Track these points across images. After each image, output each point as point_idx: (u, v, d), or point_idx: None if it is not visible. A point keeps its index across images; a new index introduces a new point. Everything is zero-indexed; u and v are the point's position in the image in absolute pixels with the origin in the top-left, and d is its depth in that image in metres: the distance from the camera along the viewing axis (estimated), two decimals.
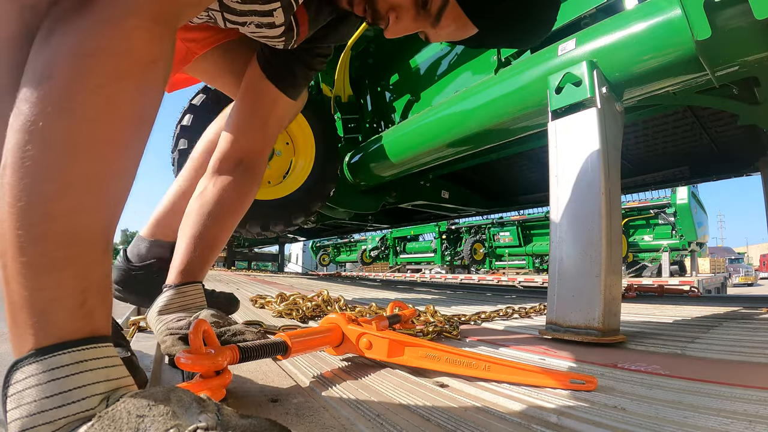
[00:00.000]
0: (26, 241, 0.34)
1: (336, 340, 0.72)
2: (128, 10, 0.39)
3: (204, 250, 0.74)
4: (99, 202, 0.38)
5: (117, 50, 0.38)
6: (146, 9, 0.40)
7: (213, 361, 0.50)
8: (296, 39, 0.70)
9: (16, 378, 0.33)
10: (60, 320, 0.35)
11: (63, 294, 0.35)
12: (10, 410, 0.33)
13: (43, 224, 0.34)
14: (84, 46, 0.37)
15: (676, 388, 0.58)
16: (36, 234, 0.34)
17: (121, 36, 0.38)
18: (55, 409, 0.32)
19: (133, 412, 0.32)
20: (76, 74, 0.36)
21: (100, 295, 0.37)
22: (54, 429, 0.32)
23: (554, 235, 1.02)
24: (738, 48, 0.95)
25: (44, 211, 0.35)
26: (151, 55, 0.40)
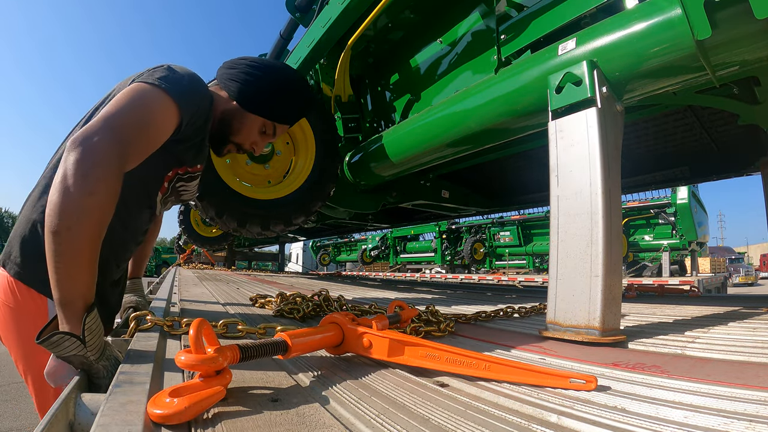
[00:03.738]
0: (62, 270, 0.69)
1: (336, 339, 0.72)
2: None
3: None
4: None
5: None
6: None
7: (213, 361, 0.50)
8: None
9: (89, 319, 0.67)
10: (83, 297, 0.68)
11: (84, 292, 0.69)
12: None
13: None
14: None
15: (676, 388, 0.58)
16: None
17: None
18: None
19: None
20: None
21: (87, 294, 0.70)
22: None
23: (554, 234, 1.02)
24: (738, 47, 0.95)
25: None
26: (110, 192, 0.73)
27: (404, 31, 2.10)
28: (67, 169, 0.68)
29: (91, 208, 0.69)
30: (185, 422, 0.44)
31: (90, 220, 0.69)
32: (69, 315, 0.67)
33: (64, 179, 0.68)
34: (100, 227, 0.71)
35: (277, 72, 1.08)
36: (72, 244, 0.67)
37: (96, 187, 0.69)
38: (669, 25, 0.97)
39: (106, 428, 0.38)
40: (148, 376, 0.55)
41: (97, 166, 0.70)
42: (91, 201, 0.69)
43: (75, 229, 0.67)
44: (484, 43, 1.69)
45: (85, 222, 0.68)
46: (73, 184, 0.67)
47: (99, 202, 0.70)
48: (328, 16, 1.94)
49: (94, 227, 0.70)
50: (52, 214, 0.67)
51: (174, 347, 0.79)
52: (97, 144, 0.71)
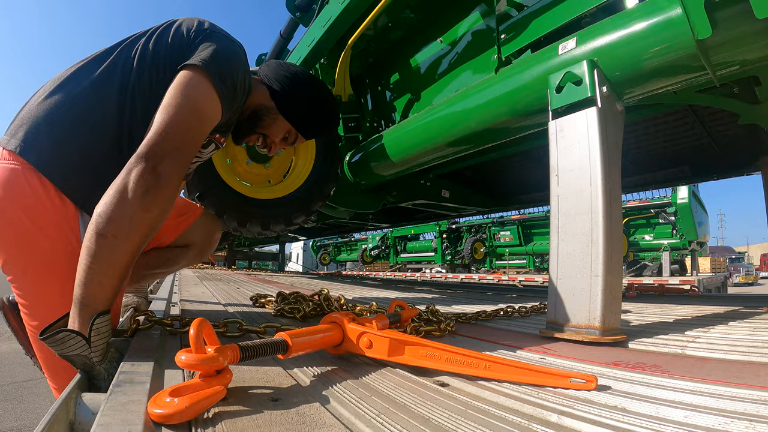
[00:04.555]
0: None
1: (337, 339, 0.72)
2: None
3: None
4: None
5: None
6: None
7: (213, 361, 0.50)
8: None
9: (98, 321, 0.67)
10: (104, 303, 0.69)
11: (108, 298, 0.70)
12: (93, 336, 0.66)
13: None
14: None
15: (677, 388, 0.58)
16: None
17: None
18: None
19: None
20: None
21: (109, 301, 0.70)
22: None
23: (554, 234, 1.02)
24: (738, 47, 0.95)
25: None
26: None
27: (404, 30, 2.10)
28: (129, 181, 0.70)
29: (143, 224, 0.71)
30: (186, 422, 0.44)
31: (139, 234, 0.71)
32: (84, 315, 0.67)
33: (124, 190, 0.70)
34: (145, 241, 0.74)
35: (318, 87, 1.16)
36: (114, 252, 0.69)
37: (154, 205, 0.72)
38: (669, 25, 0.97)
39: (106, 428, 0.38)
40: (149, 375, 0.55)
41: (160, 186, 0.73)
42: (146, 217, 0.72)
43: (121, 239, 0.69)
44: (484, 43, 1.69)
45: (133, 234, 0.70)
46: (133, 198, 0.70)
47: (152, 219, 0.73)
48: (328, 16, 1.94)
49: (140, 241, 0.72)
50: (104, 217, 0.69)
51: (174, 347, 0.79)
52: (162, 165, 0.73)
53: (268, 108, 1.09)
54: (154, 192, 0.72)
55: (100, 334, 0.67)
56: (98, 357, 0.67)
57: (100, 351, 0.67)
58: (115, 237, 0.69)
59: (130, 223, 0.70)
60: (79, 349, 0.65)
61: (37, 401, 2.85)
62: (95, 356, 0.67)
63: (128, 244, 0.70)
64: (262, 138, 1.13)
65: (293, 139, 1.17)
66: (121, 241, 0.69)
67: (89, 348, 0.66)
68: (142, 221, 0.71)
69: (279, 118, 1.10)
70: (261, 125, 1.10)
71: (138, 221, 0.70)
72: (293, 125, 1.12)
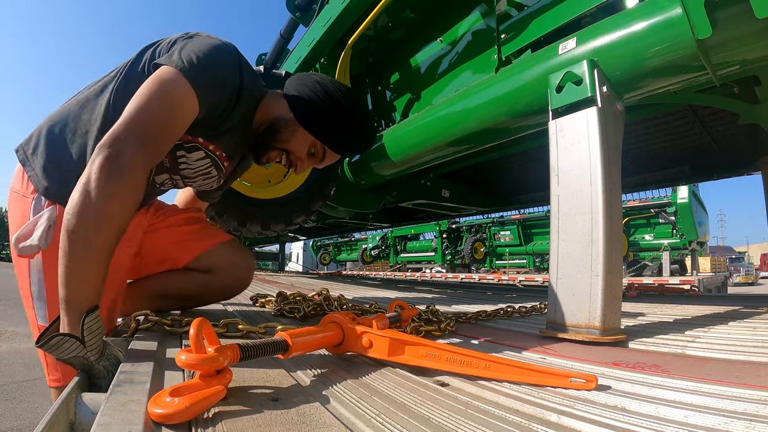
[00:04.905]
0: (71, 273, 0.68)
1: (337, 339, 0.72)
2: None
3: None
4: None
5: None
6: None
7: (213, 361, 0.50)
8: (223, 176, 1.17)
9: (88, 320, 0.67)
10: (89, 300, 0.69)
11: (91, 295, 0.69)
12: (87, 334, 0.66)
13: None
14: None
15: (677, 388, 0.58)
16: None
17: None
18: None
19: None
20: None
21: (93, 298, 0.70)
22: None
23: (554, 234, 1.02)
24: (739, 47, 0.95)
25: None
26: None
27: (404, 30, 2.10)
28: (92, 172, 0.69)
29: (112, 214, 0.70)
30: (186, 422, 0.44)
31: (109, 225, 0.70)
32: (71, 316, 0.67)
33: (88, 182, 0.68)
34: (118, 233, 0.72)
35: (340, 94, 1.05)
36: (87, 248, 0.68)
37: (119, 192, 0.70)
38: (669, 25, 0.97)
39: (106, 428, 0.38)
40: (149, 375, 0.55)
41: (122, 172, 0.71)
42: (113, 206, 0.69)
43: (92, 233, 0.68)
44: (484, 43, 1.69)
45: (103, 227, 0.69)
46: (96, 188, 0.68)
47: (120, 207, 0.71)
48: (329, 16, 1.94)
49: (113, 232, 0.70)
50: (71, 214, 0.68)
51: (174, 347, 0.79)
52: (124, 150, 0.72)
53: (285, 120, 1.02)
54: (117, 179, 0.70)
55: (92, 332, 0.67)
56: (95, 356, 0.67)
57: (95, 349, 0.67)
58: (87, 232, 0.68)
59: (97, 215, 0.68)
60: (75, 350, 0.65)
61: (37, 401, 2.85)
62: (92, 355, 0.66)
63: (101, 237, 0.69)
64: (285, 155, 1.06)
65: (321, 154, 1.08)
66: (92, 235, 0.68)
67: (84, 348, 0.65)
68: (108, 211, 0.69)
69: (299, 130, 1.02)
70: (280, 139, 1.03)
71: (104, 212, 0.69)
72: (315, 136, 1.03)
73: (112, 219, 0.70)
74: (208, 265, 1.26)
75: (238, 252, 1.31)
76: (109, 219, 0.70)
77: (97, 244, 0.69)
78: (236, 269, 1.30)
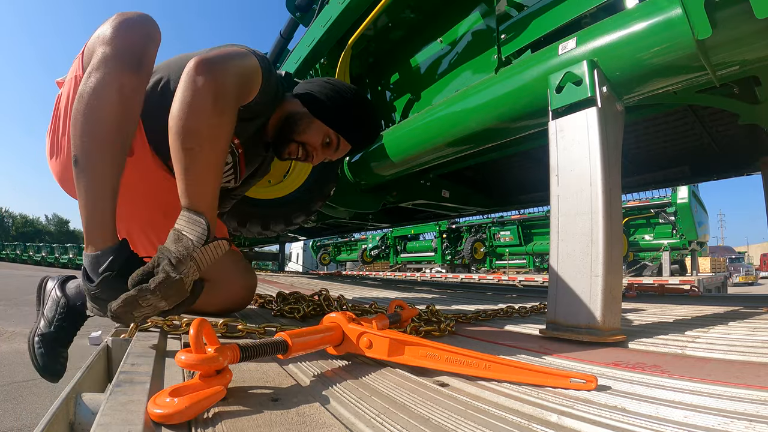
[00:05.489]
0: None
1: (336, 339, 0.72)
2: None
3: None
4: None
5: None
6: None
7: (213, 361, 0.50)
8: (239, 177, 1.21)
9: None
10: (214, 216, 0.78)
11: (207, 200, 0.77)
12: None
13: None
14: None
15: (677, 388, 0.58)
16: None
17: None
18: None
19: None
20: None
21: (212, 204, 0.78)
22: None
23: (554, 234, 1.02)
24: (739, 47, 0.95)
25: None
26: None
27: (404, 30, 2.10)
28: (197, 92, 0.75)
29: (222, 128, 0.78)
30: (185, 422, 0.44)
31: (221, 139, 0.78)
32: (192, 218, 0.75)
33: (194, 101, 0.75)
34: (226, 147, 0.80)
35: (347, 89, 1.19)
36: (205, 160, 0.76)
37: (226, 108, 0.78)
38: (669, 25, 0.97)
39: (106, 428, 0.38)
40: (149, 375, 0.55)
41: (226, 92, 0.79)
42: (223, 121, 0.78)
43: (207, 146, 0.76)
44: (484, 43, 1.69)
45: (216, 140, 0.77)
46: (205, 107, 0.75)
47: (228, 122, 0.79)
48: (328, 16, 1.94)
49: (224, 146, 0.79)
50: (185, 131, 0.74)
51: (174, 347, 0.79)
52: (225, 74, 0.79)
53: (300, 114, 1.12)
54: (223, 97, 0.78)
55: (206, 261, 0.74)
56: (188, 280, 0.72)
57: (191, 273, 0.72)
58: (201, 147, 0.75)
59: (211, 130, 0.76)
60: (193, 273, 0.73)
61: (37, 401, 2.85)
62: (189, 276, 0.72)
63: (213, 152, 0.76)
64: (302, 148, 1.15)
65: (336, 143, 1.18)
66: (207, 148, 0.75)
67: (198, 271, 0.73)
68: (220, 126, 0.77)
69: (314, 122, 1.13)
70: (296, 131, 1.12)
71: (217, 126, 0.76)
72: (328, 124, 1.14)
73: (223, 133, 0.79)
74: (204, 273, 1.20)
75: (238, 267, 1.24)
76: (222, 133, 0.79)
77: (213, 158, 0.77)
78: (234, 286, 1.22)
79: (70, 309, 1.12)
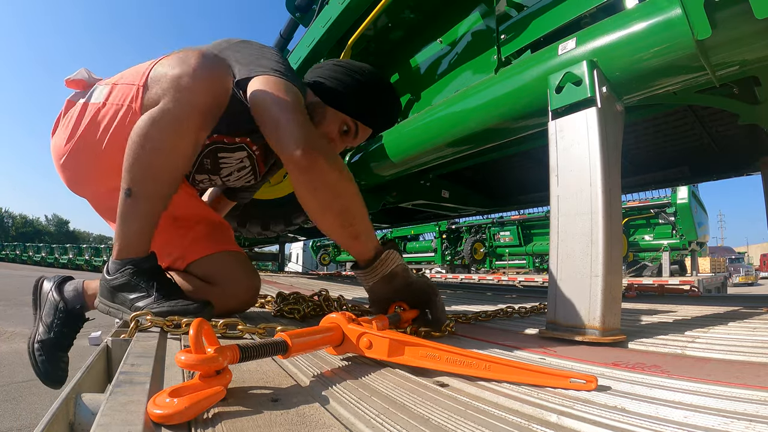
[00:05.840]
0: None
1: (336, 339, 0.72)
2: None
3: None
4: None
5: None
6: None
7: (213, 361, 0.50)
8: (258, 175, 1.30)
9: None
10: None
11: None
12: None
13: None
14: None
15: (676, 388, 0.58)
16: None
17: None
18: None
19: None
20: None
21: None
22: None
23: (554, 234, 1.02)
24: (738, 47, 0.95)
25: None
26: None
27: (404, 30, 2.10)
28: (328, 178, 0.89)
29: (348, 185, 0.95)
30: (185, 422, 0.44)
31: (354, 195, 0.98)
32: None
33: (335, 185, 0.92)
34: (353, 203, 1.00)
35: (359, 69, 1.14)
36: (362, 216, 0.99)
37: (336, 165, 0.92)
38: (669, 25, 0.97)
39: (106, 428, 0.38)
40: (149, 375, 0.55)
41: (341, 163, 0.94)
42: (344, 178, 0.94)
43: (358, 215, 0.98)
44: (484, 43, 1.69)
45: (357, 198, 0.99)
46: (338, 179, 0.91)
47: (341, 172, 0.94)
48: (328, 16, 1.94)
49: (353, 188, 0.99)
50: (343, 210, 0.94)
51: (174, 347, 0.79)
52: (327, 153, 0.90)
53: (313, 104, 1.09)
54: (332, 158, 0.89)
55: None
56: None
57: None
58: (354, 217, 0.95)
59: (351, 198, 0.95)
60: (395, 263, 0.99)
61: (37, 401, 2.85)
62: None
63: (363, 215, 0.97)
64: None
65: (354, 129, 1.15)
66: (358, 216, 0.96)
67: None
68: (337, 179, 0.92)
69: (328, 111, 1.10)
70: (313, 122, 1.07)
71: (335, 180, 0.91)
72: (344, 111, 1.11)
73: (346, 178, 0.95)
74: (207, 274, 1.18)
75: (242, 268, 1.22)
76: (345, 179, 0.94)
77: (353, 196, 0.96)
78: (239, 287, 1.21)
79: (69, 312, 1.12)
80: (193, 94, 0.85)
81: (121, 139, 0.91)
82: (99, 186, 1.08)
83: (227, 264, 1.20)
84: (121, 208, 0.91)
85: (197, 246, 1.20)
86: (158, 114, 0.86)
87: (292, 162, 0.84)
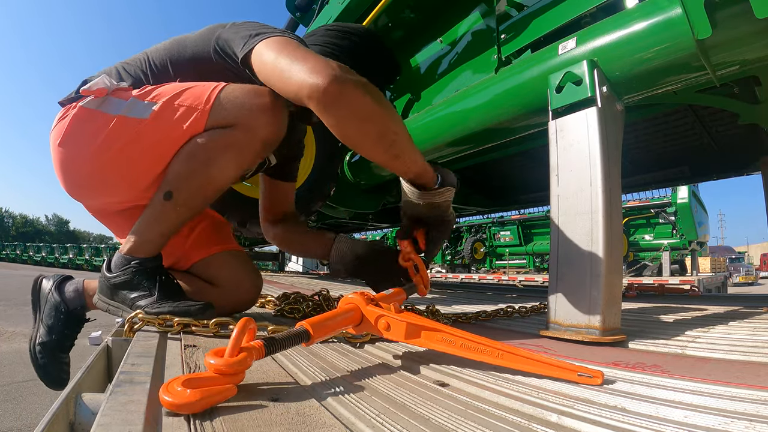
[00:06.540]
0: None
1: (356, 320, 0.72)
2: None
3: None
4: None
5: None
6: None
7: (242, 364, 0.50)
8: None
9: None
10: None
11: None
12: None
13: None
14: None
15: (677, 388, 0.58)
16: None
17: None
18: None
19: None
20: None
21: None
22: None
23: (554, 234, 1.02)
24: (739, 47, 0.95)
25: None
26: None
27: (404, 30, 2.10)
28: (362, 103, 0.83)
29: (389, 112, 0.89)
30: (185, 417, 0.43)
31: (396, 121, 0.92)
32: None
33: (371, 113, 0.86)
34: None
35: (355, 29, 1.16)
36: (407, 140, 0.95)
37: (369, 94, 0.86)
38: (669, 25, 0.97)
39: (106, 428, 0.38)
40: (149, 375, 0.55)
41: (373, 89, 0.87)
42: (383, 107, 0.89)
43: (402, 135, 0.93)
44: (484, 43, 1.69)
45: (400, 124, 0.93)
46: (375, 107, 0.85)
47: (377, 100, 0.89)
48: (328, 16, 1.95)
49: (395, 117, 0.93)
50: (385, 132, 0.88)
51: (174, 347, 0.79)
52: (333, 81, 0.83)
53: None
54: (363, 83, 0.83)
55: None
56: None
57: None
58: (396, 134, 0.89)
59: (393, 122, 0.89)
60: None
61: (37, 401, 2.85)
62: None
63: (405, 134, 0.93)
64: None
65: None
66: (401, 136, 0.92)
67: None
68: (375, 107, 0.85)
69: None
70: None
71: (372, 105, 0.84)
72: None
73: (387, 111, 0.90)
74: (211, 276, 1.18)
75: (244, 268, 1.22)
76: (386, 111, 0.90)
77: (400, 128, 0.93)
78: (242, 287, 1.21)
79: (70, 314, 1.11)
80: (264, 129, 0.92)
81: (166, 153, 0.93)
82: (120, 197, 1.04)
83: (230, 264, 1.20)
84: (155, 208, 0.93)
85: (199, 246, 1.20)
86: (228, 139, 0.91)
87: (317, 94, 0.77)
